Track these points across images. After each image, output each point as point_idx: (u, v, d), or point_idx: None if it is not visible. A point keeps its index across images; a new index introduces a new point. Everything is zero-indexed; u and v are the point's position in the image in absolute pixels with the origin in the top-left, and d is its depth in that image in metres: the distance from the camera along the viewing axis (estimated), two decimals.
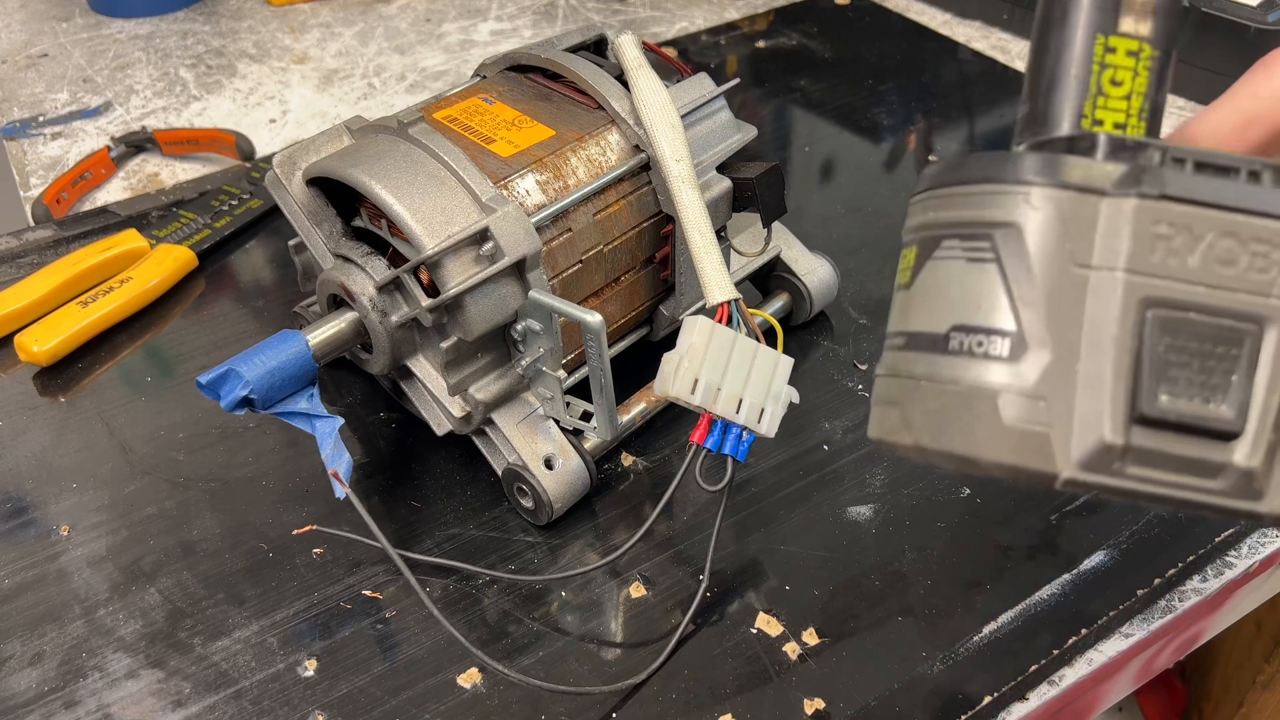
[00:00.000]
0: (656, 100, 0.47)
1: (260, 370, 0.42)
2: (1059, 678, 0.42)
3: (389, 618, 0.44)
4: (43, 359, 0.56)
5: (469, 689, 0.42)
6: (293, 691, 0.42)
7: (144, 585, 0.46)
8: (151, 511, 0.49)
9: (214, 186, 0.70)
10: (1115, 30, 0.29)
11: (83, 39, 0.92)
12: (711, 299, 0.43)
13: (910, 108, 0.80)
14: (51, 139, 0.78)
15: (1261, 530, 0.47)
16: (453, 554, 0.47)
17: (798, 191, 0.71)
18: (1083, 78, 0.29)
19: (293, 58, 0.89)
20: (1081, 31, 0.29)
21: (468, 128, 0.48)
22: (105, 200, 0.71)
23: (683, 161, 0.46)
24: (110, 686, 0.42)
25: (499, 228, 0.43)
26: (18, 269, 0.63)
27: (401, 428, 0.53)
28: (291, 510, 0.49)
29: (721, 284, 0.43)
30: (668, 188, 0.46)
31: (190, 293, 0.63)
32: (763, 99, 0.81)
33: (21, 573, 0.46)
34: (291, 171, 0.47)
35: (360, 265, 0.45)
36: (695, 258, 0.44)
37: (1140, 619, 0.43)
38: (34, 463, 0.52)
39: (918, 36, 0.90)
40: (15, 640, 0.44)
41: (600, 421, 0.47)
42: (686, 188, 0.46)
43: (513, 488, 0.48)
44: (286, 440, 0.52)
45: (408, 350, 0.47)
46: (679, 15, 0.95)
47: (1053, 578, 0.45)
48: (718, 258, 0.44)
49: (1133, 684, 0.47)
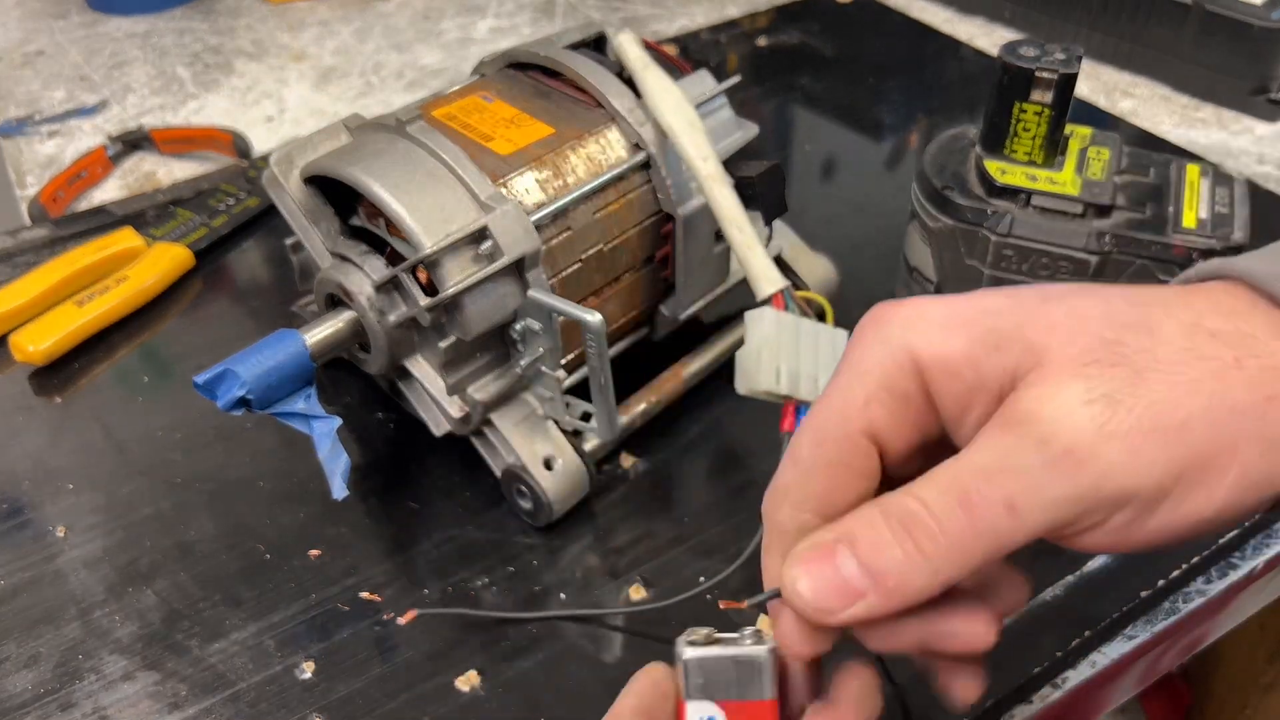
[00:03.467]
0: (672, 100, 0.47)
1: (257, 370, 0.41)
2: (1062, 680, 0.41)
3: (387, 620, 0.44)
4: (38, 359, 0.56)
5: (467, 692, 0.41)
6: (290, 694, 0.41)
7: (140, 587, 0.45)
8: (148, 512, 0.49)
9: (211, 185, 0.69)
10: None
11: (79, 37, 0.91)
12: (763, 291, 0.45)
13: (912, 106, 0.80)
14: (48, 137, 0.77)
15: (1266, 532, 0.46)
16: (451, 555, 0.47)
17: (799, 190, 0.70)
18: None
19: (290, 55, 0.89)
20: None
21: (466, 126, 0.48)
22: (102, 199, 0.71)
23: (710, 160, 0.46)
24: (106, 689, 0.42)
25: (498, 226, 0.43)
26: (13, 268, 0.63)
27: (400, 428, 0.53)
28: (288, 511, 0.49)
29: (770, 275, 0.45)
30: (700, 188, 0.47)
31: (187, 292, 0.62)
32: (764, 97, 0.81)
33: (17, 574, 0.46)
34: (289, 170, 0.47)
35: (358, 264, 0.45)
36: (739, 253, 0.45)
37: (1144, 621, 0.43)
38: (29, 463, 0.51)
39: (919, 34, 0.90)
40: (11, 642, 0.43)
41: (600, 422, 0.47)
42: (719, 185, 0.46)
43: (512, 489, 0.47)
44: (284, 441, 0.52)
45: (406, 350, 0.47)
46: (679, 12, 0.94)
47: (1056, 579, 0.45)
48: (760, 250, 0.45)
49: (1136, 686, 0.47)
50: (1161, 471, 0.26)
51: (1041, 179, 0.50)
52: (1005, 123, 0.50)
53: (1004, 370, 0.27)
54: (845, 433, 0.28)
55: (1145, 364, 0.26)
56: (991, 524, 0.26)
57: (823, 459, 0.29)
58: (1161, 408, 0.26)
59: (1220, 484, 0.26)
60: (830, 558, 0.27)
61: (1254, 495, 0.27)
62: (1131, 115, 0.77)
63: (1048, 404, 0.26)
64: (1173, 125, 0.76)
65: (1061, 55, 0.49)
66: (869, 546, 0.27)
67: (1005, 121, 0.50)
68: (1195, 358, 0.26)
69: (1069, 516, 0.26)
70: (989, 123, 0.51)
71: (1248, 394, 0.26)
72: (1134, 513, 0.26)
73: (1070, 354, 0.26)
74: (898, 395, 0.28)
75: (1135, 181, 0.51)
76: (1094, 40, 0.83)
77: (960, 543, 0.26)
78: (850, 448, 0.28)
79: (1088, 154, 0.52)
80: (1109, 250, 0.48)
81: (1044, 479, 0.25)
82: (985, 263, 0.51)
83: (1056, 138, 0.50)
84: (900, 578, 0.26)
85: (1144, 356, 0.26)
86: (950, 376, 0.28)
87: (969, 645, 0.28)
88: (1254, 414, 0.26)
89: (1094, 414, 0.25)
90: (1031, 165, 0.51)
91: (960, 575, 0.26)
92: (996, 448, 0.26)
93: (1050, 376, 0.26)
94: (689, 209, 0.49)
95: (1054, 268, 0.50)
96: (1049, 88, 0.49)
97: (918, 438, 0.29)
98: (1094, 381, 0.26)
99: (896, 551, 0.26)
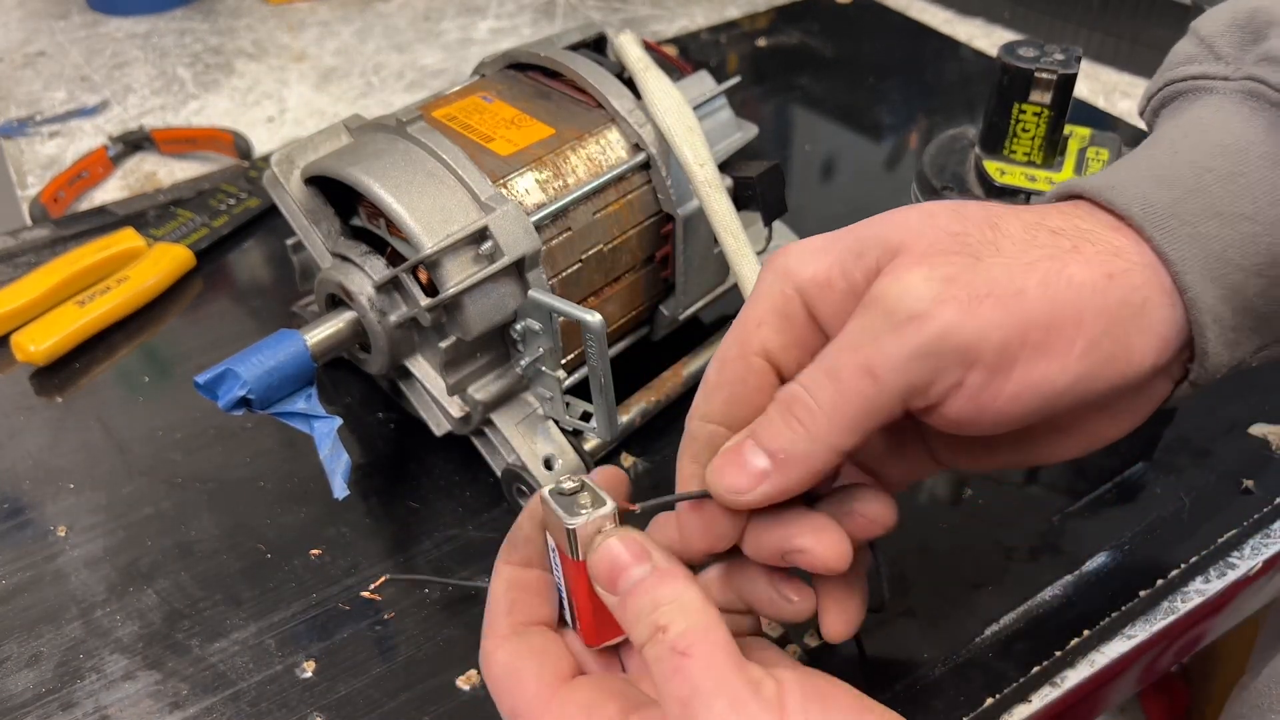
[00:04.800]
0: (671, 103, 0.47)
1: (258, 370, 0.42)
2: (1061, 679, 0.41)
3: (388, 619, 0.44)
4: (39, 359, 0.56)
5: (468, 690, 0.41)
6: (291, 693, 0.41)
7: (141, 586, 0.45)
8: (149, 512, 0.49)
9: (212, 185, 0.70)
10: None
11: (80, 37, 0.91)
12: None
13: (911, 106, 0.80)
14: (49, 138, 0.78)
15: (1265, 531, 0.46)
16: (451, 555, 0.47)
17: (798, 190, 0.70)
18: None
19: (291, 56, 0.89)
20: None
21: (467, 126, 0.48)
22: (103, 199, 0.71)
23: (706, 165, 0.46)
24: (107, 688, 0.42)
25: (498, 227, 0.43)
26: (15, 268, 0.63)
27: (400, 428, 0.53)
28: (289, 511, 0.49)
29: None
30: (696, 193, 0.47)
31: (188, 292, 0.62)
32: (763, 97, 0.81)
33: (18, 574, 0.46)
34: (289, 170, 0.47)
35: (358, 264, 0.45)
36: (731, 260, 0.46)
37: (1143, 620, 0.43)
38: (30, 463, 0.51)
39: (919, 35, 0.90)
40: (12, 641, 0.43)
41: (600, 422, 0.47)
42: (714, 192, 0.46)
43: (512, 488, 0.47)
44: (284, 441, 0.52)
45: (406, 350, 0.47)
46: (679, 13, 0.94)
47: (1055, 579, 0.45)
48: (753, 259, 0.45)
49: (1135, 685, 0.47)
50: (1002, 333, 0.28)
51: (1040, 179, 0.50)
52: (1004, 123, 0.51)
53: (867, 271, 0.31)
54: (740, 353, 0.32)
55: (986, 252, 0.29)
56: (856, 388, 0.29)
57: (725, 378, 0.33)
58: (997, 282, 0.29)
59: (1069, 352, 0.29)
60: (740, 452, 0.31)
61: (1110, 369, 0.29)
62: (1131, 116, 0.77)
63: (894, 284, 0.29)
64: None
65: (1061, 56, 0.49)
66: (765, 433, 0.31)
67: (1004, 122, 0.50)
68: (1034, 245, 0.30)
69: (922, 375, 0.29)
70: (988, 123, 0.51)
71: (1086, 271, 0.29)
72: (986, 373, 0.29)
73: (920, 246, 0.30)
74: (784, 316, 0.32)
75: None
76: (1093, 40, 0.83)
77: (834, 411, 0.30)
78: (745, 366, 0.32)
79: (1087, 154, 0.52)
80: None
81: (892, 342, 0.29)
82: None
83: (1056, 138, 0.50)
84: (789, 451, 0.30)
85: (986, 247, 0.30)
86: (823, 288, 0.31)
87: (875, 522, 0.33)
88: (1093, 288, 0.29)
89: (933, 286, 0.29)
90: (1031, 166, 0.51)
91: (843, 442, 0.30)
92: (854, 326, 0.30)
93: (900, 265, 0.30)
94: (689, 209, 0.49)
95: None
96: (1048, 88, 0.49)
97: (808, 353, 0.32)
98: (936, 265, 0.29)
99: (784, 430, 0.30)
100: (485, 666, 0.34)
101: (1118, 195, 0.31)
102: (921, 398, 0.29)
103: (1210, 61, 0.36)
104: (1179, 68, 0.37)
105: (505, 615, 0.34)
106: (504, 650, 0.33)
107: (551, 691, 0.32)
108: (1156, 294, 0.30)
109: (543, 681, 0.32)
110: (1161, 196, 0.31)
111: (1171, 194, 0.31)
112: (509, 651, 0.33)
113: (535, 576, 0.35)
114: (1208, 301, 0.30)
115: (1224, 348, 0.31)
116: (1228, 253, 0.30)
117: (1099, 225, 0.31)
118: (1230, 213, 0.31)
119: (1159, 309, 0.30)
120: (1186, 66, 0.37)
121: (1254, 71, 0.34)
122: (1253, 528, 0.46)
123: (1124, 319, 0.29)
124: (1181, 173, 0.32)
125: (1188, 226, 0.30)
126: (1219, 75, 0.35)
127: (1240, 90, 0.34)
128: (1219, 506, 0.47)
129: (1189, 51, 0.37)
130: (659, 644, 0.29)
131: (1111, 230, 0.31)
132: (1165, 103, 0.38)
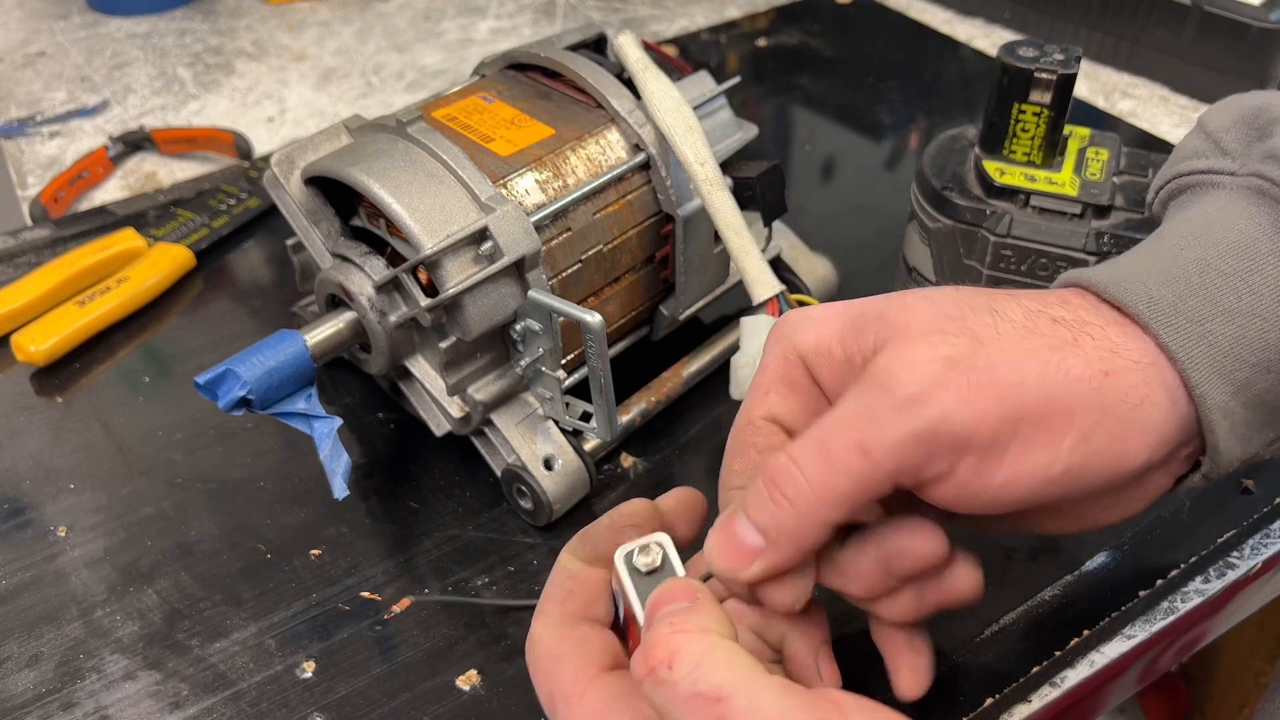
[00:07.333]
0: (671, 102, 0.47)
1: (258, 370, 0.42)
2: (1061, 679, 0.41)
3: (387, 619, 0.44)
4: (39, 359, 0.56)
5: (468, 690, 0.41)
6: (291, 693, 0.41)
7: (141, 586, 0.45)
8: (149, 512, 0.49)
9: (212, 186, 0.70)
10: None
11: (80, 37, 0.91)
12: (759, 296, 0.45)
13: (911, 106, 0.80)
14: (49, 138, 0.78)
15: (1264, 531, 0.46)
16: (451, 555, 0.47)
17: (798, 190, 0.70)
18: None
19: (291, 56, 0.89)
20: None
21: (467, 126, 0.48)
22: (103, 199, 0.71)
23: (707, 164, 0.46)
24: (108, 688, 0.42)
25: (498, 227, 0.43)
26: (15, 268, 0.63)
27: (400, 428, 0.53)
28: (289, 511, 0.49)
29: (766, 280, 0.46)
30: (698, 192, 0.47)
31: (188, 292, 0.62)
32: (763, 97, 0.81)
33: (19, 574, 0.46)
34: (289, 170, 0.47)
35: (358, 265, 0.45)
36: (736, 258, 0.46)
37: (1142, 620, 0.43)
38: (31, 463, 0.51)
39: (919, 35, 0.90)
40: (12, 642, 0.43)
41: (600, 422, 0.47)
42: (716, 190, 0.46)
43: (512, 489, 0.47)
44: (284, 441, 0.52)
45: (406, 350, 0.47)
46: (679, 13, 0.94)
47: (1055, 579, 0.45)
48: (757, 255, 0.46)
49: (1135, 685, 0.47)
50: (996, 422, 0.28)
51: (1040, 179, 0.50)
52: (1004, 123, 0.51)
53: (867, 346, 0.31)
54: (749, 420, 0.34)
55: (987, 336, 0.30)
56: (847, 465, 0.29)
57: (737, 444, 0.34)
58: (998, 369, 0.29)
59: (1060, 444, 0.29)
60: (731, 526, 0.31)
61: (1099, 462, 0.29)
62: (1130, 116, 0.77)
63: (894, 362, 0.29)
64: (1172, 126, 0.76)
65: (1060, 56, 0.49)
66: (754, 508, 0.31)
67: (1004, 122, 0.50)
68: (1035, 333, 0.30)
69: (915, 458, 0.29)
70: (988, 123, 0.51)
71: (1084, 366, 0.29)
72: (977, 460, 0.29)
73: (920, 326, 0.30)
74: (788, 382, 0.33)
75: (1134, 182, 0.51)
76: (1093, 41, 0.83)
77: (823, 487, 0.29)
78: (753, 431, 0.34)
79: (1086, 154, 0.52)
80: (1107, 250, 0.48)
81: (888, 422, 0.29)
82: (984, 263, 0.51)
83: (1055, 138, 0.50)
84: (778, 528, 0.30)
85: (987, 330, 0.30)
86: (824, 357, 0.32)
87: (922, 557, 0.33)
88: (1089, 383, 0.29)
89: (933, 369, 0.29)
90: (1030, 166, 0.51)
91: (832, 516, 0.30)
92: (850, 400, 0.30)
93: (901, 342, 0.30)
94: (689, 209, 0.49)
95: (1052, 268, 0.50)
96: (1048, 88, 0.49)
97: (815, 416, 0.32)
98: (937, 346, 0.29)
99: (771, 506, 0.30)
100: (530, 648, 0.34)
101: (1123, 291, 0.31)
102: (912, 478, 0.29)
103: (1217, 156, 0.36)
104: (1186, 161, 0.37)
105: (558, 603, 0.34)
106: (550, 635, 0.33)
107: (589, 680, 0.32)
108: (1156, 392, 0.30)
109: (580, 670, 0.32)
110: (1165, 293, 0.31)
111: (1176, 290, 0.31)
112: (554, 637, 0.33)
113: (597, 576, 0.35)
114: (1217, 398, 0.30)
115: (1235, 443, 0.31)
116: (1236, 349, 0.30)
117: (1101, 319, 0.31)
118: (1237, 310, 0.31)
119: (1157, 408, 0.30)
120: (1194, 160, 0.37)
121: (1259, 168, 0.34)
122: (1252, 528, 0.46)
123: (1119, 416, 0.29)
124: (1187, 270, 0.32)
125: (1194, 324, 0.30)
126: (1225, 170, 0.35)
127: (1246, 186, 0.34)
128: (1218, 506, 0.47)
129: (1196, 146, 0.37)
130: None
131: (1114, 325, 0.31)
132: (1174, 195, 0.38)
